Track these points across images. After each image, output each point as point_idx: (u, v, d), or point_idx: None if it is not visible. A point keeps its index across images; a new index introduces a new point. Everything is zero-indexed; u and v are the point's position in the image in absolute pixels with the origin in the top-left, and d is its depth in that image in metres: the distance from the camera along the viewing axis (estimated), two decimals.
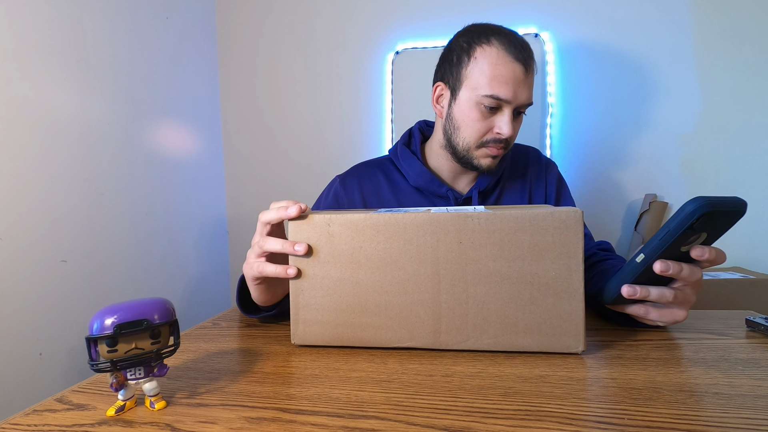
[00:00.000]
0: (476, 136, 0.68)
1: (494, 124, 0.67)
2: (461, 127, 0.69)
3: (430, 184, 0.74)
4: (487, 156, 0.70)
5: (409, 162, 0.76)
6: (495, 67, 0.65)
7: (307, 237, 0.44)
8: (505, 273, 0.41)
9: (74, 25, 1.01)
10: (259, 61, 1.49)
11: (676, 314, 0.45)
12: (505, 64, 0.65)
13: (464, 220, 0.41)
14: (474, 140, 0.69)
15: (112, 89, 1.10)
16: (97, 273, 1.05)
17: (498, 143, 0.68)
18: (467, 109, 0.68)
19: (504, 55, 0.65)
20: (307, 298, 0.45)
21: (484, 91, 0.65)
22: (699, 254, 0.41)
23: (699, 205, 0.36)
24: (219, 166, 1.54)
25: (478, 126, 0.68)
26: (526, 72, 0.65)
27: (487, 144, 0.69)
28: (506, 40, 0.66)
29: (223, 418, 0.32)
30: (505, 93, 0.64)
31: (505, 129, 0.66)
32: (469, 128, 0.68)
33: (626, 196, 1.25)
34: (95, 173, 1.05)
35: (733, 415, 0.30)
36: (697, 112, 1.18)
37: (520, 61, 0.65)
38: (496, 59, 0.65)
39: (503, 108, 0.66)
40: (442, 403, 0.33)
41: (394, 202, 0.76)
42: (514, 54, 0.65)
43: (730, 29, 1.15)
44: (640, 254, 0.41)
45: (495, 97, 0.65)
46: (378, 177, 0.78)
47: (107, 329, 0.31)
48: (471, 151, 0.70)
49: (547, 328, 0.41)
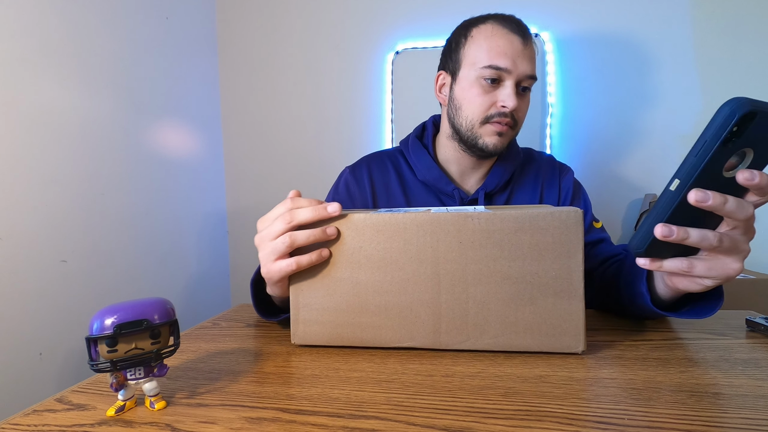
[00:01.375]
0: (479, 111, 0.67)
1: (497, 97, 0.66)
2: (463, 105, 0.68)
3: (438, 181, 0.73)
4: (492, 133, 0.67)
5: (419, 155, 0.75)
6: (491, 39, 0.65)
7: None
8: (505, 273, 0.41)
9: (74, 25, 1.01)
10: (259, 61, 1.49)
11: (728, 266, 0.36)
12: (501, 35, 0.65)
13: (464, 220, 0.41)
14: (477, 116, 0.67)
15: (113, 89, 1.10)
16: (97, 273, 1.05)
17: (503, 117, 0.66)
18: (468, 86, 0.67)
19: (500, 28, 0.65)
20: (306, 298, 0.45)
21: (482, 63, 0.65)
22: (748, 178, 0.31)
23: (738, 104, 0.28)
24: (219, 166, 1.54)
25: (480, 101, 0.66)
26: (524, 44, 0.65)
27: (491, 119, 0.67)
28: (501, 18, 0.67)
29: (223, 418, 0.32)
30: (504, 62, 0.64)
31: (508, 100, 0.65)
32: (471, 104, 0.67)
33: (626, 196, 1.25)
34: (95, 173, 1.05)
35: (733, 415, 0.30)
36: (697, 112, 1.18)
37: (517, 33, 0.65)
38: (492, 32, 0.65)
39: (505, 80, 0.65)
40: (442, 403, 0.33)
41: (401, 194, 0.75)
42: (510, 27, 0.65)
43: (730, 29, 1.15)
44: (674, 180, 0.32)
45: (494, 66, 0.64)
46: (388, 168, 0.77)
47: (107, 329, 0.31)
48: (475, 129, 0.68)
49: (547, 328, 0.41)
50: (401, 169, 0.77)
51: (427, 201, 0.74)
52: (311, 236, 0.43)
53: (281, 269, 0.43)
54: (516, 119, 0.68)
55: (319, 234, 0.42)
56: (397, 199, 0.75)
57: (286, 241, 0.43)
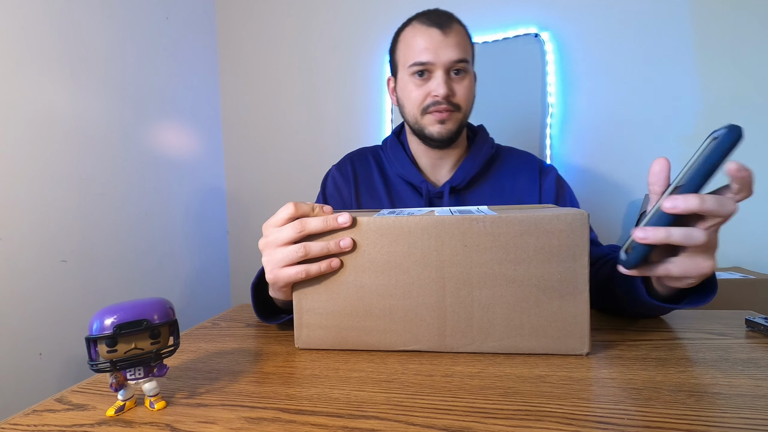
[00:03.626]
0: (416, 103, 0.73)
1: (429, 88, 0.71)
2: (405, 102, 0.75)
3: (408, 173, 0.78)
4: (434, 122, 0.72)
5: (394, 151, 0.80)
6: (413, 40, 0.71)
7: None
8: (510, 276, 0.41)
9: (74, 25, 1.01)
10: (259, 60, 1.49)
11: (702, 264, 0.37)
12: (421, 32, 0.71)
13: (469, 223, 0.41)
14: (416, 108, 0.73)
15: (113, 89, 1.10)
16: (97, 273, 1.05)
17: (439, 105, 0.71)
18: (404, 85, 0.74)
19: (419, 26, 0.72)
20: (310, 302, 0.45)
21: (409, 61, 0.71)
22: (737, 169, 0.34)
23: (739, 130, 0.33)
24: (219, 166, 1.54)
25: (415, 95, 0.72)
26: (444, 33, 0.70)
27: (428, 109, 0.72)
28: (422, 16, 0.73)
29: (223, 418, 0.32)
30: (426, 56, 0.70)
31: (438, 89, 0.70)
32: (409, 100, 0.74)
33: (626, 196, 1.25)
34: (95, 173, 1.05)
35: (733, 415, 0.30)
36: (697, 112, 1.18)
37: (435, 25, 0.70)
38: (413, 33, 0.72)
39: (432, 71, 0.71)
40: (442, 403, 0.33)
41: (382, 187, 0.79)
42: (428, 23, 0.71)
43: (730, 29, 1.15)
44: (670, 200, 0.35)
45: (418, 62, 0.70)
46: (370, 163, 0.82)
47: (107, 329, 0.31)
48: (419, 121, 0.74)
49: (552, 331, 0.41)
50: (382, 163, 0.82)
51: (406, 192, 0.79)
52: (325, 249, 0.43)
53: (290, 276, 0.43)
54: (456, 103, 0.72)
55: (334, 247, 0.43)
56: (379, 191, 0.79)
57: (299, 251, 0.43)
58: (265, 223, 0.46)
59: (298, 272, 0.43)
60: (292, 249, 0.43)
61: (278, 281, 0.45)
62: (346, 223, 0.42)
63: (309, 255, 0.43)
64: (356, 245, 0.43)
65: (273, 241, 0.44)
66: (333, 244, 0.42)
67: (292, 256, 0.43)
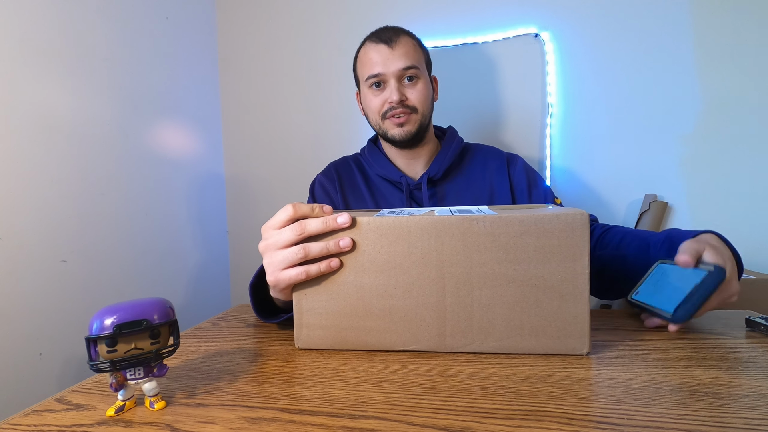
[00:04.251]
0: (376, 111, 0.81)
1: (385, 96, 0.80)
2: (368, 111, 0.84)
3: (388, 171, 0.84)
4: (393, 126, 0.80)
5: (373, 154, 0.88)
6: (366, 56, 0.81)
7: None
8: (510, 276, 0.41)
9: (74, 24, 1.01)
10: (259, 60, 1.49)
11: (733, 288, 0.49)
12: (371, 49, 0.81)
13: (469, 223, 0.41)
14: (377, 115, 0.81)
15: (112, 89, 1.10)
16: (97, 273, 1.05)
17: (395, 109, 0.79)
18: (365, 96, 0.84)
19: (369, 44, 0.81)
20: (310, 303, 0.45)
21: (364, 76, 0.81)
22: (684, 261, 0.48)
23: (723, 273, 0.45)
24: (219, 166, 1.54)
25: (373, 104, 0.81)
26: (391, 47, 0.79)
27: (387, 115, 0.80)
28: (373, 35, 0.82)
29: (223, 418, 0.32)
30: (377, 69, 0.79)
31: (391, 96, 0.78)
32: (370, 108, 0.83)
33: (626, 196, 1.25)
34: (95, 173, 1.05)
35: (733, 415, 0.30)
36: (697, 112, 1.18)
37: (382, 41, 0.80)
38: (364, 51, 0.82)
39: (386, 81, 0.79)
40: (441, 403, 0.33)
41: (365, 187, 0.86)
42: (376, 40, 0.80)
43: (730, 29, 1.15)
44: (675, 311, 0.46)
45: (371, 76, 0.80)
46: (351, 167, 0.90)
47: (107, 329, 0.31)
48: (382, 127, 0.82)
49: (552, 331, 0.41)
50: (363, 167, 0.90)
51: (387, 190, 0.85)
52: (325, 249, 0.43)
53: (291, 278, 0.44)
54: (412, 106, 0.80)
55: (333, 247, 0.43)
56: (362, 191, 0.86)
57: (299, 252, 0.43)
58: (264, 225, 0.46)
59: (298, 274, 0.43)
60: (292, 251, 0.43)
61: (279, 283, 0.45)
62: (346, 224, 0.42)
63: (309, 256, 0.43)
64: (356, 245, 0.43)
65: (273, 244, 0.44)
66: (333, 244, 0.43)
67: (292, 257, 0.43)
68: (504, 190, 0.83)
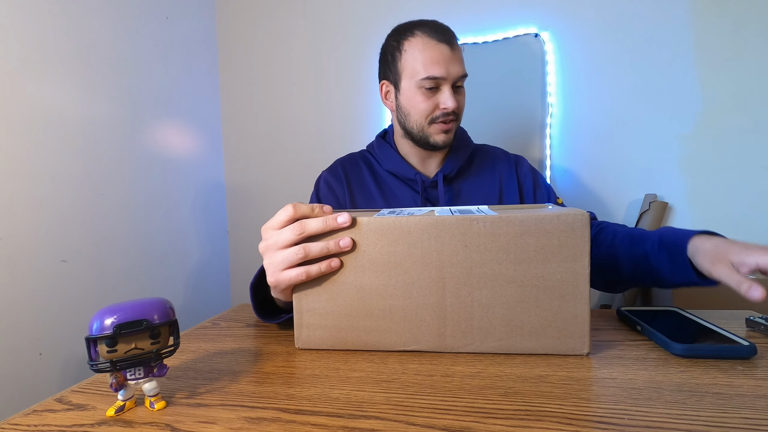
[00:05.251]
0: (425, 115, 0.76)
1: (438, 101, 0.75)
2: (410, 112, 0.78)
3: (401, 169, 0.82)
4: (439, 132, 0.77)
5: (383, 150, 0.85)
6: (424, 53, 0.74)
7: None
8: (510, 276, 0.41)
9: (74, 25, 1.01)
10: (259, 60, 1.49)
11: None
12: (432, 47, 0.74)
13: (469, 223, 0.41)
14: (424, 119, 0.77)
15: (112, 89, 1.10)
16: (97, 273, 1.05)
17: (447, 116, 0.76)
18: (411, 96, 0.77)
19: (428, 40, 0.74)
20: (310, 303, 0.45)
21: (421, 75, 0.74)
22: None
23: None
24: (219, 166, 1.54)
25: (424, 107, 0.76)
26: (452, 50, 0.74)
27: (436, 120, 0.76)
28: (427, 28, 0.75)
29: (223, 418, 0.32)
30: (439, 71, 0.73)
31: (449, 102, 0.74)
32: (417, 110, 0.76)
33: (626, 196, 1.25)
34: (95, 173, 1.05)
35: (733, 415, 0.30)
36: (697, 112, 1.18)
37: (444, 41, 0.74)
38: (423, 45, 0.74)
39: (442, 85, 0.74)
40: (441, 403, 0.33)
41: (374, 184, 0.83)
42: (437, 37, 0.74)
43: (730, 29, 1.15)
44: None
45: (431, 77, 0.73)
46: (359, 164, 0.86)
47: (107, 329, 0.31)
48: (425, 131, 0.77)
49: (552, 331, 0.41)
50: (371, 163, 0.87)
51: (398, 188, 0.82)
52: (325, 249, 0.43)
53: (291, 278, 0.43)
54: (457, 113, 0.77)
55: (333, 247, 0.42)
56: (371, 189, 0.83)
57: (299, 252, 0.43)
58: (264, 225, 0.46)
59: (298, 274, 0.43)
60: (291, 251, 0.43)
61: (279, 284, 0.45)
62: (346, 223, 0.42)
63: (309, 256, 0.43)
64: (356, 245, 0.43)
65: (273, 244, 0.44)
66: (333, 244, 0.42)
67: (292, 258, 0.43)
68: (512, 190, 0.83)
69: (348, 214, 0.43)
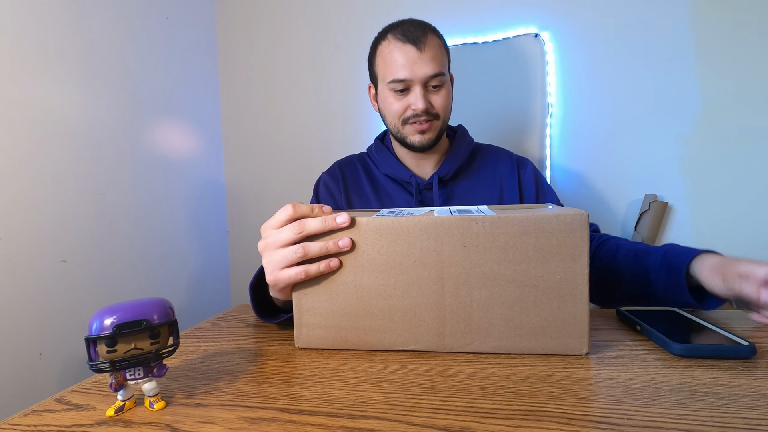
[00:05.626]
0: (397, 116, 0.77)
1: (408, 102, 0.75)
2: (386, 114, 0.80)
3: (397, 171, 0.82)
4: (414, 132, 0.77)
5: (380, 152, 0.85)
6: (389, 56, 0.75)
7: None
8: (509, 276, 0.41)
9: (74, 25, 1.01)
10: (259, 60, 1.49)
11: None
12: (396, 50, 0.74)
13: (468, 223, 0.41)
14: (397, 119, 0.77)
15: (112, 89, 1.10)
16: (97, 273, 1.05)
17: (418, 117, 0.75)
18: (384, 98, 0.78)
19: (395, 42, 0.75)
20: (310, 302, 0.45)
21: (388, 78, 0.75)
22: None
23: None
24: (219, 166, 1.54)
25: (395, 108, 0.77)
26: (420, 49, 0.73)
27: (408, 121, 0.76)
28: (398, 31, 0.76)
29: (223, 418, 0.32)
30: (402, 74, 0.73)
31: (417, 104, 0.74)
32: (390, 112, 0.78)
33: (626, 196, 1.25)
34: (95, 173, 1.05)
35: (733, 415, 0.30)
36: (697, 112, 1.18)
37: (411, 42, 0.73)
38: (389, 49, 0.75)
39: (411, 86, 0.75)
40: (441, 403, 0.33)
41: (369, 187, 0.84)
42: (404, 39, 0.74)
43: (730, 29, 1.15)
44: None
45: (395, 80, 0.74)
46: (356, 167, 0.87)
47: (106, 329, 0.31)
48: (400, 131, 0.78)
49: (551, 331, 0.41)
50: (368, 166, 0.88)
51: (393, 190, 0.83)
52: (324, 249, 0.43)
53: (290, 277, 0.44)
54: (435, 113, 0.76)
55: (332, 247, 0.43)
56: (366, 191, 0.84)
57: (298, 251, 0.43)
58: (263, 224, 0.46)
59: (297, 273, 0.43)
60: (291, 250, 0.43)
61: (278, 283, 0.45)
62: (345, 223, 0.43)
63: (308, 255, 0.43)
64: (356, 245, 0.43)
65: (272, 243, 0.44)
66: (332, 244, 0.43)
67: (291, 257, 0.43)
68: (513, 193, 0.81)
69: (347, 214, 0.43)
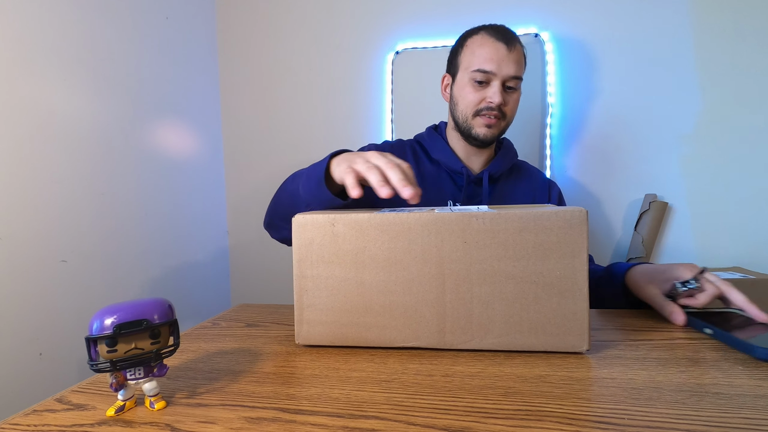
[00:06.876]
0: (471, 106, 0.81)
1: (486, 95, 0.80)
2: (459, 101, 0.83)
3: (449, 160, 0.85)
4: (482, 125, 0.81)
5: (434, 139, 0.89)
6: (480, 48, 0.79)
7: (310, 237, 0.44)
8: (509, 273, 0.41)
9: (73, 24, 1.01)
10: (259, 61, 1.49)
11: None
12: (488, 44, 0.79)
13: (469, 219, 0.41)
14: (470, 110, 0.81)
15: (112, 89, 1.10)
16: (97, 273, 1.05)
17: (491, 111, 0.79)
18: (462, 86, 0.82)
19: (487, 37, 0.80)
20: (311, 299, 0.45)
21: (473, 67, 0.79)
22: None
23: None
24: (219, 166, 1.54)
25: (471, 98, 0.81)
26: (509, 49, 0.78)
27: (481, 113, 0.80)
28: (491, 29, 0.81)
29: (223, 418, 0.32)
30: (490, 66, 0.78)
31: (494, 97, 0.78)
32: (465, 100, 0.82)
33: (626, 196, 1.25)
34: (95, 173, 1.05)
35: (733, 415, 0.30)
36: (697, 112, 1.18)
37: (502, 40, 0.78)
38: (481, 41, 0.80)
39: (492, 81, 0.79)
40: (442, 403, 0.33)
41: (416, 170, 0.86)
42: (496, 36, 0.79)
43: (730, 29, 1.15)
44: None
45: (481, 70, 0.78)
46: (405, 150, 0.91)
47: (107, 329, 0.31)
48: (469, 121, 0.82)
49: (551, 328, 0.41)
50: (417, 152, 0.90)
51: (439, 178, 0.86)
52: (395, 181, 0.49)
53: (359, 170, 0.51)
54: (504, 112, 0.81)
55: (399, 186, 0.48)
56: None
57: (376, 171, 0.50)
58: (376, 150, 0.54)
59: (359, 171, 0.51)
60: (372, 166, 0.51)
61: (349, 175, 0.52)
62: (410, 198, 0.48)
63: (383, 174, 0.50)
64: (356, 241, 0.43)
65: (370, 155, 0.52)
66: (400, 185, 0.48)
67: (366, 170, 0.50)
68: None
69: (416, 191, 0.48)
